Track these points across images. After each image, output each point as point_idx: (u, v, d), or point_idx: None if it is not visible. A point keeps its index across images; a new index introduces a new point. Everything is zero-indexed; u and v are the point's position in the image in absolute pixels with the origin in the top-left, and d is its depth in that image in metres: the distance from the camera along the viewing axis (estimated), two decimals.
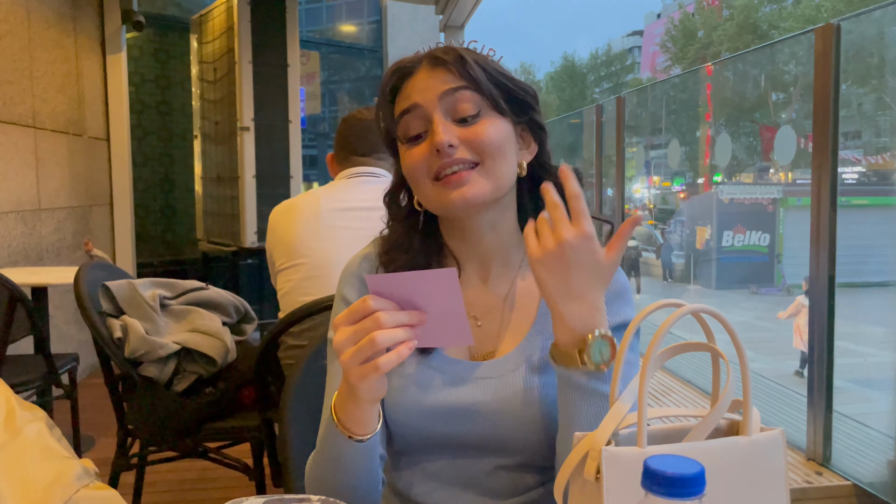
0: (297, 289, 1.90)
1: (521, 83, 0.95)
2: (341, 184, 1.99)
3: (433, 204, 0.93)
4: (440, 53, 0.92)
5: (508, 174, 0.93)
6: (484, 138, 0.89)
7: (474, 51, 0.95)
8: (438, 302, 0.73)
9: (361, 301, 0.74)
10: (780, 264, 14.19)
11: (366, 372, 0.73)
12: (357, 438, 0.83)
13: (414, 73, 0.93)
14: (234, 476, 2.27)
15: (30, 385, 2.66)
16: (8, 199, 3.56)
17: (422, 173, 0.91)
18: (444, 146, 0.88)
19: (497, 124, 0.91)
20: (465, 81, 0.90)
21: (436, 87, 0.90)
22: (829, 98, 1.91)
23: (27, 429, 0.90)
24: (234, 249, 5.07)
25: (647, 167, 17.63)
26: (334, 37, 13.78)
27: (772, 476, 0.68)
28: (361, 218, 1.88)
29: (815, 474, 1.96)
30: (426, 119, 0.91)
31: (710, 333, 0.71)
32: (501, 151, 0.91)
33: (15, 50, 3.68)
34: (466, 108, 0.90)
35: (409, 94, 0.92)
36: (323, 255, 1.88)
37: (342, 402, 0.82)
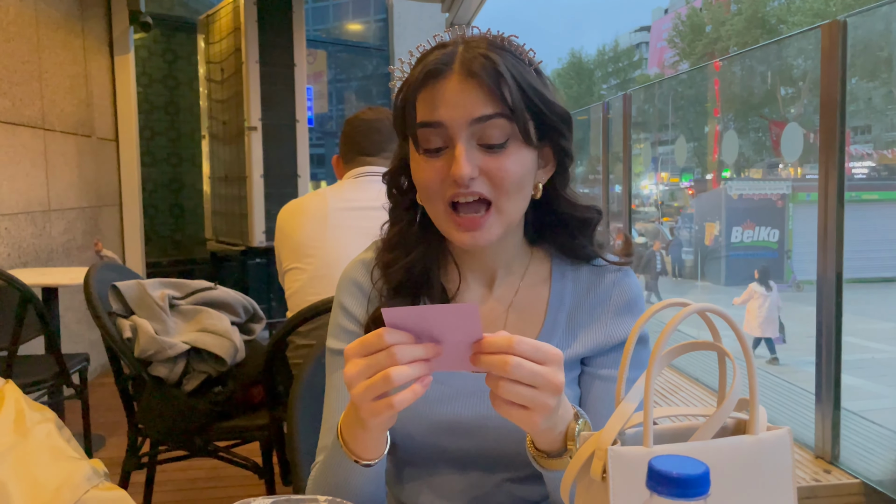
0: (304, 288, 1.90)
1: (556, 107, 0.88)
2: (349, 183, 2.00)
3: (441, 228, 0.90)
4: (475, 65, 0.83)
5: (521, 208, 0.90)
6: (505, 174, 0.84)
7: (512, 53, 0.87)
8: (457, 335, 0.69)
9: (376, 334, 0.69)
10: (790, 260, 14.10)
11: (379, 409, 0.69)
12: (364, 463, 0.80)
13: (444, 79, 0.84)
14: (244, 475, 2.28)
15: (41, 385, 2.68)
16: (18, 201, 3.59)
17: (434, 193, 0.87)
18: (463, 180, 0.83)
19: (522, 156, 0.86)
20: (498, 108, 0.83)
21: (466, 108, 0.83)
22: (835, 94, 1.90)
23: (36, 430, 0.91)
24: (243, 249, 5.09)
25: (654, 163, 17.56)
26: (341, 35, 13.79)
27: (779, 475, 0.68)
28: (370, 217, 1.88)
29: (824, 472, 1.95)
30: (449, 138, 0.85)
31: (715, 332, 0.71)
32: (519, 187, 0.86)
33: (24, 52, 3.70)
34: (495, 136, 0.84)
35: (434, 106, 0.84)
36: (330, 254, 1.89)
37: (349, 426, 0.79)
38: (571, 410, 0.77)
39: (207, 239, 5.83)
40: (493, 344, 0.68)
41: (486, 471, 0.93)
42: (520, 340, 0.68)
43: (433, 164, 0.86)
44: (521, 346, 0.68)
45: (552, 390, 0.69)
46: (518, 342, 0.68)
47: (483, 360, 0.68)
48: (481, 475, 0.93)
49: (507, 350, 0.68)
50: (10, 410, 0.92)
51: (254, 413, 2.15)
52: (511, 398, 0.68)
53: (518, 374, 0.67)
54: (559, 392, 0.70)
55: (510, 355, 0.67)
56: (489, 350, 0.68)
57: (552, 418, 0.72)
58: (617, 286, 0.95)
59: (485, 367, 0.68)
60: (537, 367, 0.68)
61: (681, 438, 0.68)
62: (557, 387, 0.69)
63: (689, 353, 0.73)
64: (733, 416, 0.72)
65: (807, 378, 2.06)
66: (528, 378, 0.68)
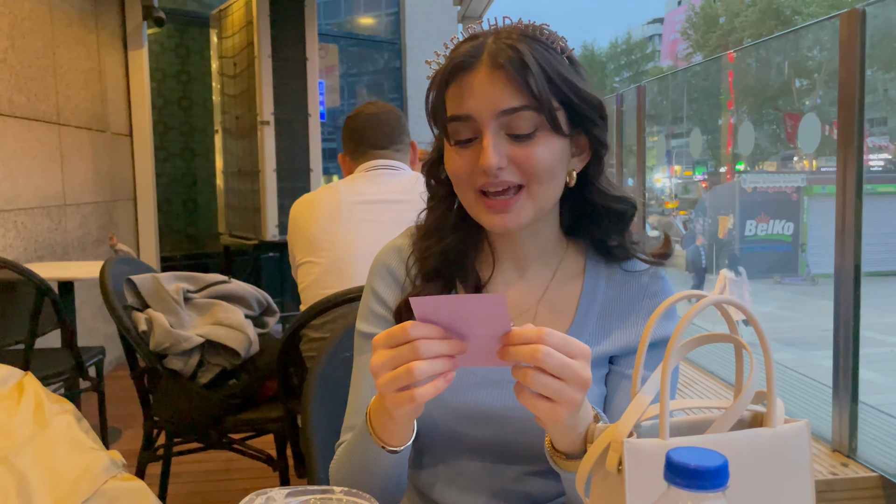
0: (318, 282, 1.91)
1: (587, 95, 0.87)
2: (361, 177, 1.99)
3: (472, 214, 0.91)
4: (502, 57, 0.83)
5: (554, 195, 0.90)
6: (534, 163, 0.85)
7: (543, 42, 0.86)
8: (485, 326, 0.69)
9: (401, 327, 0.69)
10: (805, 253, 14.00)
11: (402, 400, 0.70)
12: (390, 449, 0.81)
13: (472, 71, 0.85)
14: (259, 467, 2.30)
15: (57, 378, 2.71)
16: (34, 195, 3.62)
17: (464, 181, 0.88)
18: (491, 170, 0.84)
19: (551, 145, 0.86)
20: (525, 100, 0.83)
21: (493, 99, 0.84)
22: (854, 85, 1.87)
23: (56, 421, 0.92)
24: (256, 243, 5.12)
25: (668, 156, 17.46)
26: (353, 29, 13.78)
27: (796, 468, 0.67)
28: (383, 210, 1.88)
29: (841, 466, 1.93)
30: (477, 129, 0.86)
31: (732, 324, 0.71)
32: (550, 175, 0.87)
33: (38, 47, 3.73)
34: (522, 126, 0.85)
35: (463, 99, 0.86)
36: (343, 248, 1.89)
37: (378, 414, 0.80)
38: (592, 412, 0.77)
39: (221, 233, 5.86)
40: (523, 335, 0.68)
41: (506, 462, 0.92)
42: (550, 333, 0.68)
43: (463, 155, 0.87)
44: (551, 338, 0.68)
45: (580, 384, 0.69)
46: (548, 334, 0.68)
47: (512, 351, 0.68)
48: (501, 466, 0.93)
49: (538, 341, 0.68)
50: (30, 402, 0.93)
51: (268, 406, 2.16)
52: (538, 389, 0.68)
53: (548, 363, 0.67)
54: (586, 387, 0.70)
55: (541, 345, 0.67)
56: (519, 341, 0.68)
57: (575, 416, 0.72)
58: (651, 287, 0.95)
59: (514, 358, 0.68)
60: (567, 359, 0.68)
61: (697, 431, 0.68)
62: (585, 381, 0.69)
63: (705, 345, 0.73)
64: (750, 408, 0.71)
65: (822, 372, 2.04)
66: (557, 369, 0.68)
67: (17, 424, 0.91)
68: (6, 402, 0.93)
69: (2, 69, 3.33)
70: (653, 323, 0.69)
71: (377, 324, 0.97)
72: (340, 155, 2.12)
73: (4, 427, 0.89)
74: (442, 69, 0.88)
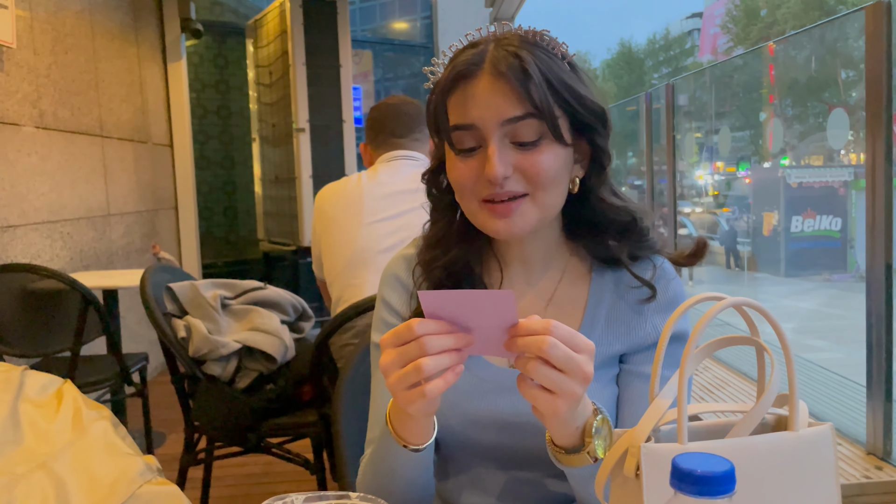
0: (343, 274, 1.96)
1: (589, 103, 0.87)
2: (382, 167, 2.05)
3: (476, 222, 0.90)
4: (503, 65, 0.83)
5: (558, 202, 0.89)
6: (539, 171, 0.85)
7: (544, 48, 0.86)
8: (492, 320, 0.70)
9: (407, 325, 0.70)
10: (853, 249, 13.61)
11: (413, 397, 0.71)
12: (412, 448, 0.81)
13: (474, 80, 0.85)
14: (298, 470, 2.33)
15: (103, 384, 2.78)
16: (79, 206, 3.73)
17: (468, 191, 0.88)
18: (497, 179, 0.83)
19: (556, 152, 0.86)
20: (528, 108, 0.83)
21: (496, 109, 0.83)
22: (881, 77, 1.83)
23: (93, 427, 0.95)
24: (294, 248, 5.19)
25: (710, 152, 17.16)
26: (387, 35, 13.88)
27: (821, 472, 0.66)
28: (404, 201, 1.94)
29: (875, 469, 1.88)
30: (481, 138, 0.86)
31: (753, 326, 0.70)
32: (555, 182, 0.86)
33: (81, 62, 3.84)
34: (527, 134, 0.84)
35: (466, 109, 0.85)
36: (366, 240, 1.94)
37: (396, 414, 0.81)
38: (591, 407, 0.77)
39: (260, 239, 5.96)
40: (530, 327, 0.69)
41: (525, 468, 0.93)
42: (556, 325, 0.69)
43: (468, 164, 0.87)
44: (557, 331, 0.69)
45: (582, 378, 0.69)
46: (555, 326, 0.69)
47: (519, 342, 0.69)
48: (520, 471, 0.93)
49: (545, 332, 0.68)
50: (69, 409, 0.96)
51: (304, 410, 2.19)
52: (540, 380, 0.69)
53: (553, 354, 0.67)
54: (587, 382, 0.70)
55: (547, 336, 0.68)
56: (526, 332, 0.69)
57: (574, 410, 0.72)
58: (658, 284, 0.93)
59: (520, 349, 0.69)
60: (571, 352, 0.69)
61: (717, 435, 0.67)
62: (587, 376, 0.70)
63: (735, 347, 0.72)
64: (773, 412, 0.70)
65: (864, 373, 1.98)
66: (561, 361, 0.68)
67: (56, 430, 0.94)
68: (46, 409, 0.97)
69: (46, 84, 3.44)
70: (672, 323, 0.68)
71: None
72: (362, 144, 2.19)
73: (44, 433, 0.92)
74: (443, 77, 0.87)
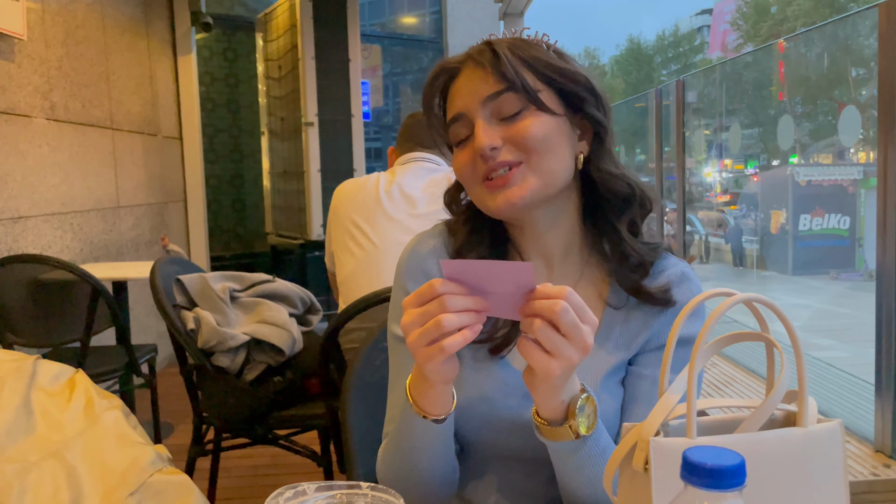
0: (357, 272, 1.96)
1: (570, 73, 0.90)
2: (399, 169, 2.06)
3: (482, 206, 0.92)
4: (476, 53, 0.91)
5: (560, 169, 0.89)
6: (526, 134, 0.87)
7: (519, 39, 0.92)
8: (511, 289, 0.73)
9: (428, 285, 0.73)
10: (862, 248, 13.55)
11: (432, 353, 0.73)
12: (433, 418, 0.83)
13: (458, 76, 0.93)
14: (305, 462, 2.34)
15: (112, 374, 2.80)
16: (89, 198, 3.75)
17: (469, 177, 0.91)
18: (485, 150, 0.87)
19: (542, 119, 0.88)
20: (503, 83, 0.88)
21: (477, 91, 0.89)
22: (894, 75, 1.82)
23: (105, 416, 0.96)
24: (302, 242, 5.20)
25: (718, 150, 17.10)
26: (396, 29, 13.86)
27: (829, 468, 0.66)
28: (418, 201, 1.94)
29: (883, 467, 1.88)
30: (471, 123, 0.90)
31: (763, 322, 0.70)
32: (547, 146, 0.88)
33: (92, 55, 3.86)
34: (508, 108, 0.88)
35: (454, 102, 0.92)
36: (380, 239, 1.94)
37: (416, 383, 0.83)
38: (579, 385, 0.79)
39: (268, 233, 5.98)
40: (547, 292, 0.72)
41: (546, 471, 0.91)
42: (571, 292, 0.72)
43: (464, 151, 0.92)
44: (572, 297, 0.72)
45: (581, 348, 0.72)
46: (570, 293, 0.72)
47: (535, 305, 0.71)
48: (541, 475, 0.93)
49: (559, 296, 0.71)
50: (81, 398, 0.97)
51: (312, 402, 2.20)
52: (542, 340, 0.71)
53: (563, 318, 0.70)
54: (586, 353, 0.73)
55: (562, 300, 0.71)
56: (543, 296, 0.72)
57: (564, 379, 0.76)
58: (676, 287, 0.93)
59: (535, 311, 0.72)
60: (578, 321, 0.72)
61: (726, 430, 0.68)
62: (586, 347, 0.73)
63: (743, 343, 0.72)
64: (782, 408, 0.70)
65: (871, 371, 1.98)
66: (568, 326, 0.71)
67: (68, 419, 0.95)
68: (58, 398, 0.98)
69: (57, 77, 3.45)
70: (681, 321, 0.68)
71: None
72: (391, 147, 2.20)
73: (56, 422, 0.93)
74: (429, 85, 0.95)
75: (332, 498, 0.55)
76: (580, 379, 0.82)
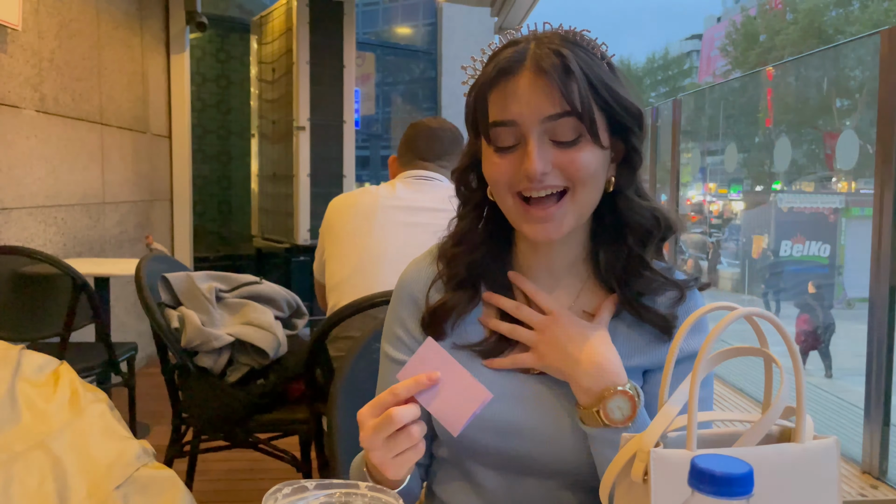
0: (347, 280, 1.94)
1: (627, 103, 0.87)
2: (401, 183, 2.03)
3: (511, 219, 0.90)
4: (546, 62, 0.83)
5: (595, 199, 0.89)
6: (579, 167, 0.85)
7: (584, 48, 0.87)
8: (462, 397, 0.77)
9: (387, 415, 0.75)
10: (841, 276, 13.72)
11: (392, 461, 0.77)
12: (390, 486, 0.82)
13: (515, 76, 0.85)
14: (284, 468, 2.31)
15: (90, 372, 2.76)
16: (74, 192, 3.71)
17: (504, 187, 0.88)
18: (536, 175, 0.84)
19: (594, 151, 0.86)
20: (568, 106, 0.83)
21: (537, 106, 0.84)
22: (894, 102, 1.85)
23: (90, 409, 0.94)
24: (288, 246, 5.17)
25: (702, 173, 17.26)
26: (390, 38, 13.90)
27: (824, 485, 0.66)
28: (417, 216, 1.92)
29: (871, 488, 1.90)
30: (521, 135, 0.86)
31: (763, 338, 0.70)
32: (594, 179, 0.87)
33: (85, 49, 3.83)
34: (566, 133, 0.85)
35: (507, 105, 0.85)
36: (374, 249, 1.92)
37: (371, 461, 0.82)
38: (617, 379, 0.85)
39: (253, 236, 5.94)
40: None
41: (527, 475, 0.92)
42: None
43: (506, 159, 0.87)
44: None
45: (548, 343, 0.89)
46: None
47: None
48: (521, 479, 0.92)
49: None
50: (66, 390, 0.96)
51: (294, 407, 2.18)
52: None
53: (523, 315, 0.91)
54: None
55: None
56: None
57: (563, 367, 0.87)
58: (681, 304, 0.91)
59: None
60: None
61: (724, 444, 0.68)
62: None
63: (731, 360, 0.73)
64: (779, 423, 0.71)
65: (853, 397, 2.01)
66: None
67: (53, 411, 0.93)
68: (43, 389, 0.96)
69: (49, 69, 3.42)
70: (682, 335, 0.68)
71: (400, 349, 0.98)
72: (392, 157, 2.18)
73: (41, 413, 0.91)
74: (484, 74, 0.88)
75: (330, 496, 0.54)
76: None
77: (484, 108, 0.87)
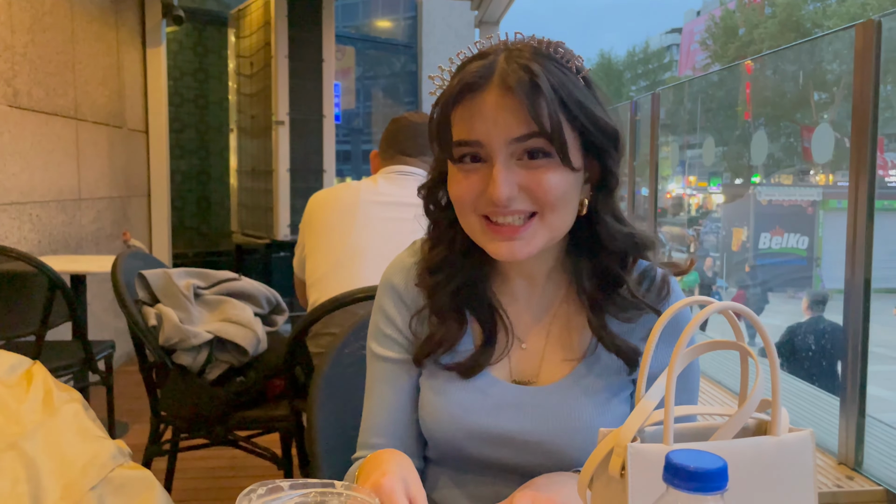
0: (328, 275, 1.93)
1: (603, 123, 0.82)
2: (382, 178, 2.02)
3: (476, 240, 0.87)
4: (513, 79, 0.78)
5: (568, 222, 0.85)
6: (547, 189, 0.81)
7: (557, 61, 0.82)
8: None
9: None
10: (819, 268, 13.90)
11: None
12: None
13: (481, 93, 0.80)
14: (264, 465, 2.30)
15: (67, 370, 2.73)
16: (49, 189, 3.65)
17: (468, 207, 0.84)
18: (501, 201, 0.80)
19: (564, 175, 0.82)
20: (536, 126, 0.78)
21: (504, 126, 0.79)
22: (868, 96, 1.87)
23: (64, 409, 0.93)
24: (268, 242, 5.15)
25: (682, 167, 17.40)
26: (370, 32, 13.83)
27: (800, 477, 0.67)
28: (399, 211, 1.92)
29: (846, 479, 1.93)
30: (486, 155, 0.82)
31: (738, 331, 0.70)
32: (563, 201, 0.82)
33: (58, 42, 3.77)
34: (534, 154, 0.81)
35: (472, 124, 0.81)
36: (356, 244, 1.91)
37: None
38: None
39: (233, 231, 5.90)
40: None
41: (515, 482, 0.91)
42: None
43: (470, 178, 0.83)
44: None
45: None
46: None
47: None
48: (514, 488, 0.92)
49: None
50: (39, 389, 0.94)
51: (274, 404, 2.17)
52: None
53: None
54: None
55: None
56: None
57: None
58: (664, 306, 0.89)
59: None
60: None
61: (701, 438, 0.68)
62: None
63: (710, 354, 0.73)
64: (755, 416, 0.71)
65: None
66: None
67: (26, 411, 0.91)
68: (15, 390, 0.94)
69: (22, 63, 3.36)
70: (658, 329, 0.69)
71: (388, 345, 0.97)
72: (373, 152, 2.17)
73: (14, 414, 0.90)
74: (449, 89, 0.83)
75: (306, 496, 0.54)
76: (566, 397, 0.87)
77: (447, 125, 0.83)
